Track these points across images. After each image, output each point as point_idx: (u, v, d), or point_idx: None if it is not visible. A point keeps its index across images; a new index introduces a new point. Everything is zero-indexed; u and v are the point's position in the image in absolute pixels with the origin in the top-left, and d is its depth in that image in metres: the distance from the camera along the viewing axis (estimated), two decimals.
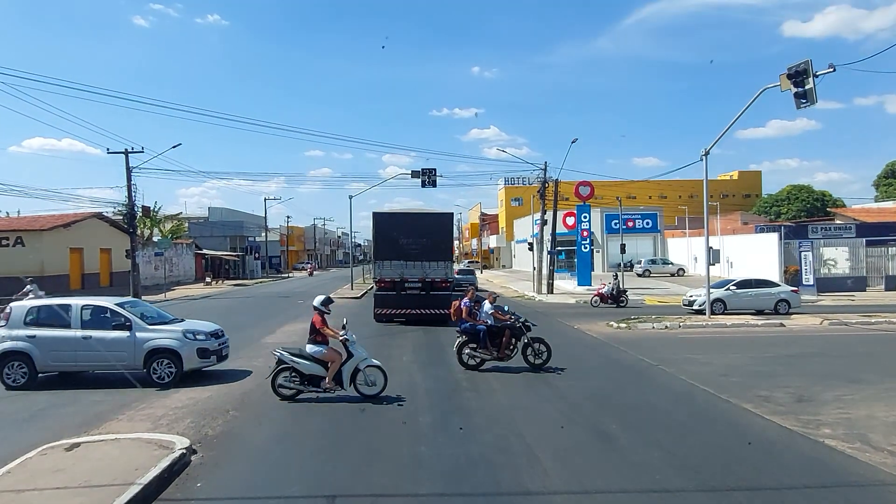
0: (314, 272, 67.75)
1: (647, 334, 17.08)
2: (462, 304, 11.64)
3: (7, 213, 46.77)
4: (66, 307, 10.69)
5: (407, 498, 5.57)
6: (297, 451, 6.88)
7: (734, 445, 7.13)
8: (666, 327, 18.06)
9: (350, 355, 9.02)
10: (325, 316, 9.15)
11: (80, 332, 10.36)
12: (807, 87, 14.52)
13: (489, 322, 11.52)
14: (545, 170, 32.24)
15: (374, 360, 9.22)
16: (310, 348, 9.04)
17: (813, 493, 5.65)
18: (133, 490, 5.33)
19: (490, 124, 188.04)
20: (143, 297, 30.15)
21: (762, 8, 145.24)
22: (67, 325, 10.41)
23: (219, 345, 11.07)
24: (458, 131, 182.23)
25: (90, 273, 36.08)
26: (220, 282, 49.61)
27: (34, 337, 10.33)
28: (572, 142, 31.04)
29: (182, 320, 11.55)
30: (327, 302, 9.39)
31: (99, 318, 10.69)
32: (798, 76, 14.55)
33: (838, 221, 41.25)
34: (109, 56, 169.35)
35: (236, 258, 61.16)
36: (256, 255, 65.26)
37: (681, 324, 18.36)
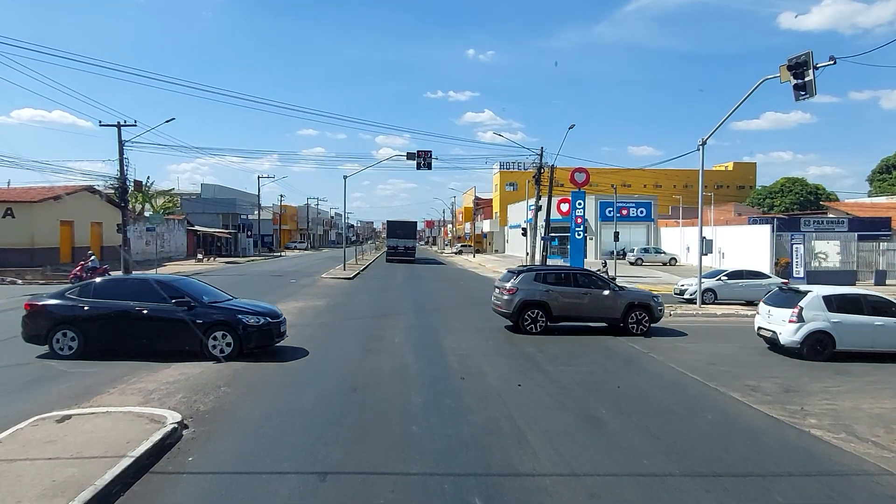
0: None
1: None
2: None
3: None
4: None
5: (397, 476, 5.62)
6: (289, 428, 6.91)
7: (721, 433, 7.24)
8: None
9: None
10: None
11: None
12: (806, 79, 14.50)
13: None
14: (541, 155, 32.17)
15: None
16: None
17: (798, 481, 5.75)
18: (125, 462, 5.35)
19: (485, 108, 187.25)
20: (134, 272, 30.01)
21: None
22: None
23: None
24: (453, 114, 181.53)
25: (81, 246, 35.79)
26: (212, 259, 49.38)
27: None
28: (570, 127, 30.93)
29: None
30: None
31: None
32: (798, 68, 14.52)
33: (831, 215, 41.54)
34: (102, 28, 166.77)
35: (228, 235, 60.84)
36: (249, 233, 64.96)
37: (671, 312, 18.47)
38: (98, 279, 11.68)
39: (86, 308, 10.41)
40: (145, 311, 10.35)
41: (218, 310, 10.68)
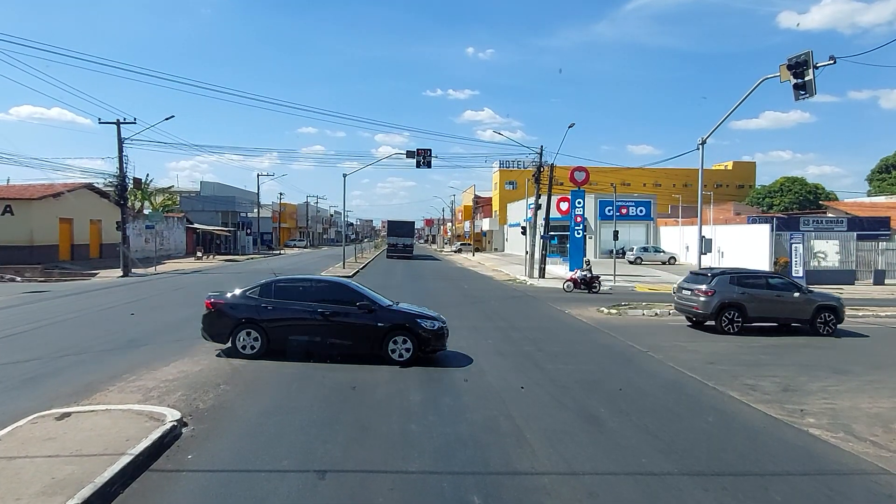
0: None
1: (638, 321, 17.20)
2: None
3: None
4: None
5: (396, 475, 5.62)
6: (288, 426, 6.91)
7: (720, 432, 7.24)
8: (656, 314, 18.19)
9: None
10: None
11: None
12: (806, 79, 14.50)
13: None
14: (541, 154, 32.15)
15: None
16: None
17: (796, 480, 5.76)
18: (124, 460, 5.35)
19: (484, 106, 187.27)
20: (134, 270, 30.03)
21: None
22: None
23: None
24: (452, 112, 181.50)
25: (80, 244, 35.81)
26: (211, 256, 49.39)
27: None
28: (569, 126, 30.91)
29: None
30: None
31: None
32: (798, 67, 14.52)
33: (830, 215, 41.53)
34: (101, 25, 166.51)
35: (228, 233, 60.83)
36: (248, 230, 64.95)
37: (670, 311, 18.48)
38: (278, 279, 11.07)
39: (269, 308, 10.31)
40: (328, 313, 10.22)
41: (397, 313, 10.45)
